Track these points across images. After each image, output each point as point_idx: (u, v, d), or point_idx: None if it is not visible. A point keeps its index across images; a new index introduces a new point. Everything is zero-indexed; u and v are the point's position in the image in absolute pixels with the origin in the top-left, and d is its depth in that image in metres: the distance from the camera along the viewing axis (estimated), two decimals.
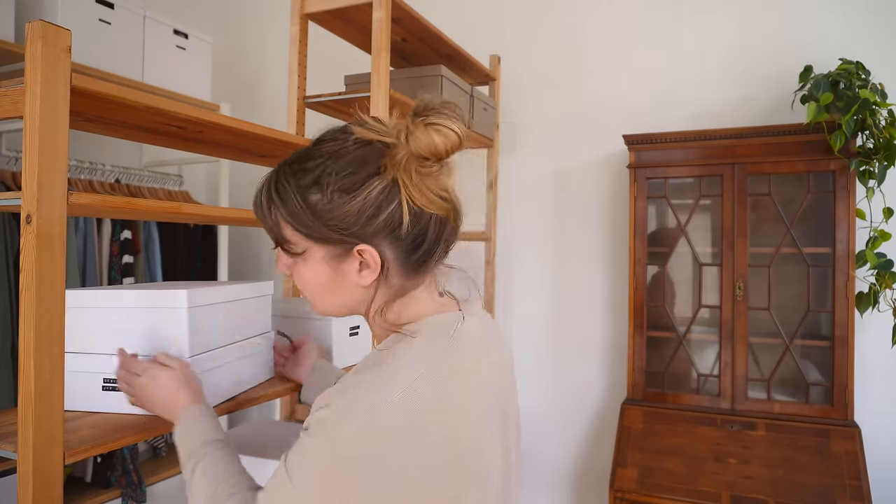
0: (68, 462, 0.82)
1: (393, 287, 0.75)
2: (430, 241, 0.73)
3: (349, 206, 0.69)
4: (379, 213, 0.69)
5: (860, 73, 1.97)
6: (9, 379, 1.93)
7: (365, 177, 0.69)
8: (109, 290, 1.03)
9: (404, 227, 0.70)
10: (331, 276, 0.74)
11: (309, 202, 0.71)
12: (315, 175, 0.71)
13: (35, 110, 0.77)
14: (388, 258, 0.72)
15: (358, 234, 0.70)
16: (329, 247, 0.72)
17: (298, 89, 1.68)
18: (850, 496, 1.79)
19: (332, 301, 0.77)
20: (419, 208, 0.70)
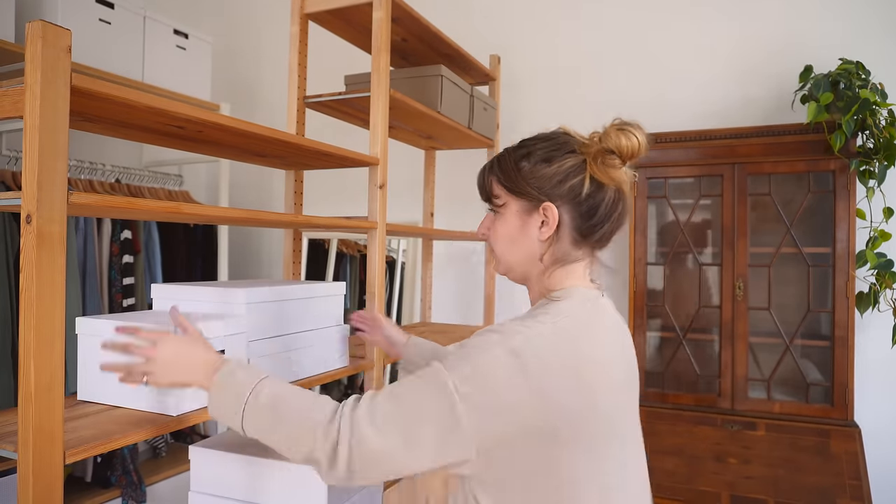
0: (68, 462, 0.82)
1: (561, 251, 0.90)
2: (600, 215, 0.89)
3: (546, 171, 0.88)
4: (566, 180, 0.88)
5: (860, 73, 1.97)
6: (9, 379, 1.93)
7: (563, 154, 0.89)
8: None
9: (584, 192, 0.87)
10: (518, 227, 0.91)
11: (518, 165, 0.90)
12: (527, 150, 0.91)
13: (35, 110, 0.77)
14: (564, 220, 0.89)
15: (547, 193, 0.88)
16: (523, 201, 0.90)
17: (298, 89, 1.68)
18: (850, 496, 1.79)
19: (514, 252, 0.93)
20: (598, 184, 0.87)
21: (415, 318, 2.86)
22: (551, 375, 0.77)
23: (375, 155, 1.59)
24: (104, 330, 1.04)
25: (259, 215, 1.28)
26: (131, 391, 1.03)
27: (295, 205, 1.72)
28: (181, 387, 0.91)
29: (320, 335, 1.39)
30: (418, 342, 1.33)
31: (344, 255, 3.06)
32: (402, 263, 2.93)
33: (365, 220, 1.57)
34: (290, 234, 1.74)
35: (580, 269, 0.92)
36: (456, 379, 0.76)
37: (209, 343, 0.94)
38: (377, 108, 1.58)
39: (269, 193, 3.26)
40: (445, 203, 2.81)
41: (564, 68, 2.66)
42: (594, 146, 0.87)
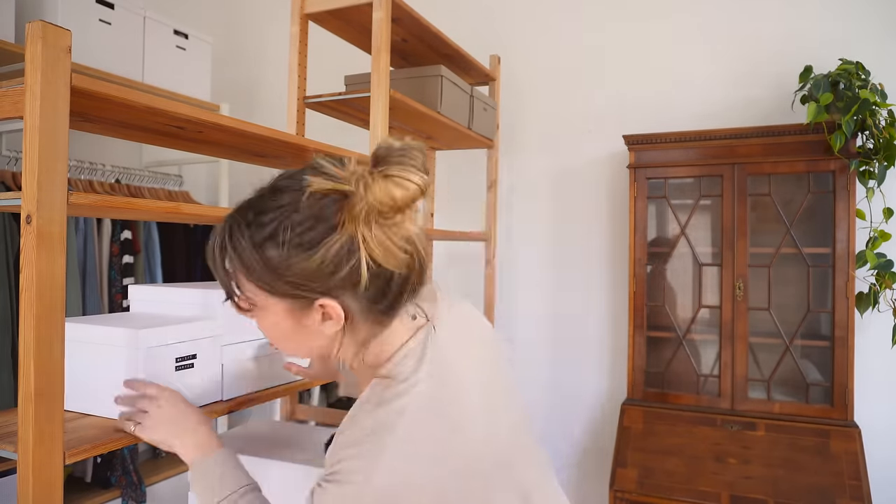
0: (68, 462, 0.82)
1: (361, 333, 0.74)
2: (394, 291, 0.71)
3: (308, 263, 0.67)
4: (339, 269, 0.67)
5: (860, 74, 1.97)
6: (9, 379, 1.93)
7: (323, 232, 0.67)
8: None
9: (364, 280, 0.67)
10: (293, 327, 0.74)
11: (265, 257, 0.68)
12: (271, 229, 0.68)
13: (35, 110, 0.77)
14: (353, 309, 0.71)
15: (318, 290, 0.69)
16: (288, 300, 0.71)
17: (298, 89, 1.68)
18: (850, 496, 1.79)
19: (298, 349, 0.78)
20: (379, 266, 0.67)
21: None
22: (414, 490, 0.66)
23: None
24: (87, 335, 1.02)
25: None
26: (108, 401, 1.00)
27: None
28: (166, 448, 0.87)
29: None
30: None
31: None
32: None
33: None
34: None
35: (397, 327, 0.76)
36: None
37: (204, 417, 0.90)
38: (377, 109, 1.58)
39: None
40: (445, 203, 2.81)
41: (564, 68, 2.66)
42: (359, 204, 0.65)
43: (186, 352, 1.06)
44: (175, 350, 1.04)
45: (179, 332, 1.04)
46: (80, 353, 1.03)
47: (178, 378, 1.04)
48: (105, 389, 1.01)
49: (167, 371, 1.02)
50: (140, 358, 0.98)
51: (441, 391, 0.72)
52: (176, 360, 1.04)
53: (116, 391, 1.00)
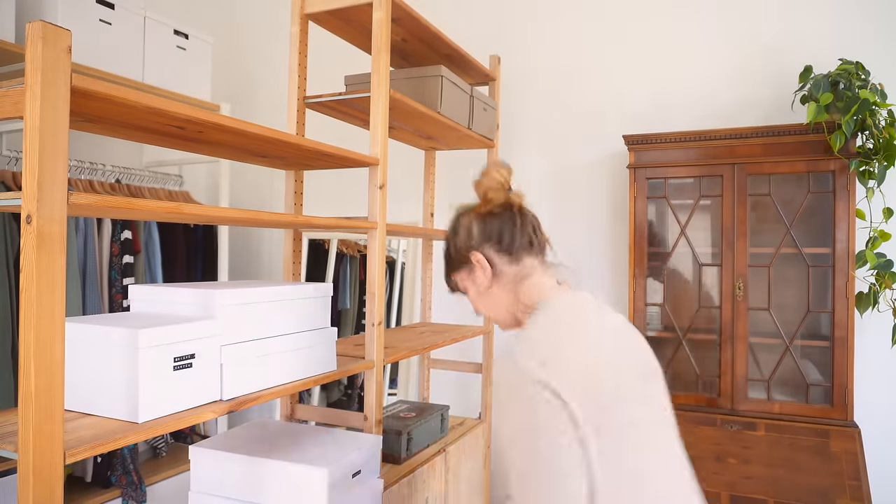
0: (68, 462, 0.82)
1: (508, 274, 1.05)
2: (507, 232, 1.05)
3: (457, 241, 1.09)
4: (468, 234, 1.07)
5: (860, 74, 1.97)
6: (9, 379, 1.93)
7: (459, 223, 1.11)
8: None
9: (476, 230, 1.07)
10: (478, 289, 1.08)
11: (450, 254, 1.12)
12: (447, 245, 1.15)
13: (35, 111, 0.77)
14: (489, 255, 1.05)
15: (466, 252, 1.07)
16: (463, 270, 1.09)
17: (298, 89, 1.68)
18: (850, 496, 1.79)
19: (496, 307, 1.07)
20: (482, 218, 1.07)
21: (415, 318, 2.86)
22: (563, 373, 0.83)
23: (375, 155, 1.59)
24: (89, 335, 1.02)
25: (259, 215, 1.28)
26: (106, 399, 1.00)
27: (295, 205, 1.72)
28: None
29: (305, 338, 1.34)
30: None
31: (344, 255, 3.06)
32: (402, 263, 2.93)
33: (365, 221, 1.57)
34: (290, 235, 1.74)
35: (537, 281, 1.04)
36: (527, 457, 0.82)
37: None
38: (377, 109, 1.58)
39: (269, 194, 3.27)
40: (445, 203, 2.81)
41: (565, 68, 2.67)
42: (476, 195, 1.10)
43: (185, 351, 1.06)
44: (174, 350, 1.04)
45: (178, 332, 1.04)
46: (80, 353, 1.03)
47: (176, 378, 1.04)
48: (105, 389, 1.01)
49: (165, 370, 1.03)
50: (139, 357, 0.98)
51: (566, 324, 0.94)
52: (174, 359, 1.04)
53: (116, 391, 1.00)
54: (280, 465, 1.24)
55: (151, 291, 1.21)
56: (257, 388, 1.21)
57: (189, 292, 1.17)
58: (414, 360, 2.82)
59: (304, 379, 1.33)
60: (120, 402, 0.99)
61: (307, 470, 1.23)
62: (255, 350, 1.21)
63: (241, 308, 1.18)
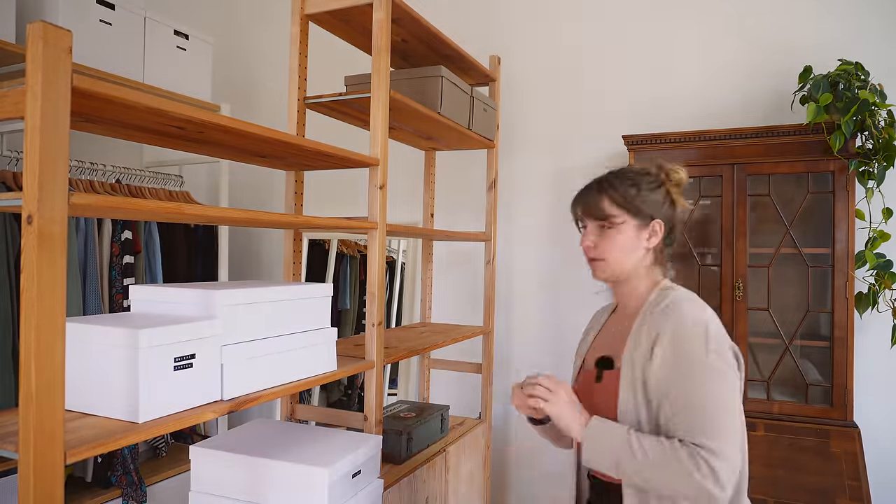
0: (69, 462, 0.83)
1: (656, 254, 1.21)
2: (677, 230, 1.23)
3: (654, 197, 1.18)
4: (664, 204, 1.19)
5: (859, 74, 1.97)
6: (10, 379, 1.93)
7: (659, 184, 1.20)
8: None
9: (671, 213, 1.20)
10: (633, 240, 1.19)
11: (636, 191, 1.18)
12: (635, 180, 1.20)
13: (36, 111, 0.77)
14: (661, 234, 1.19)
15: (654, 213, 1.18)
16: (638, 219, 1.18)
17: (298, 90, 1.69)
18: (850, 496, 1.79)
19: (626, 259, 1.19)
20: (675, 207, 1.20)
21: (415, 318, 2.86)
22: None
23: (375, 156, 1.59)
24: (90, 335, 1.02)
25: (259, 216, 1.28)
26: (106, 399, 1.01)
27: (295, 205, 1.72)
28: (558, 424, 1.14)
29: (306, 338, 1.34)
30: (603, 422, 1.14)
31: (344, 255, 3.06)
32: (402, 263, 2.93)
33: (365, 221, 1.57)
34: (290, 235, 1.74)
35: (660, 269, 1.23)
36: (715, 360, 1.05)
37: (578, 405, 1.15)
38: (377, 109, 1.58)
39: (269, 194, 3.27)
40: (445, 203, 2.81)
41: (564, 69, 2.67)
42: (673, 178, 1.20)
43: (185, 351, 1.06)
44: (174, 350, 1.04)
45: (178, 332, 1.04)
46: (81, 353, 1.03)
47: (177, 378, 1.05)
48: (105, 389, 1.01)
49: (166, 370, 1.03)
50: (139, 357, 0.98)
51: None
52: (175, 359, 1.04)
53: (116, 391, 1.00)
54: (281, 465, 1.24)
55: (152, 292, 1.21)
56: (258, 388, 1.21)
57: (190, 292, 1.17)
58: (414, 360, 2.82)
59: (304, 379, 1.33)
60: (120, 403, 1.00)
61: (308, 470, 1.23)
62: (255, 350, 1.21)
63: (241, 308, 1.18)
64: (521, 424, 2.70)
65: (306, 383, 1.33)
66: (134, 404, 0.98)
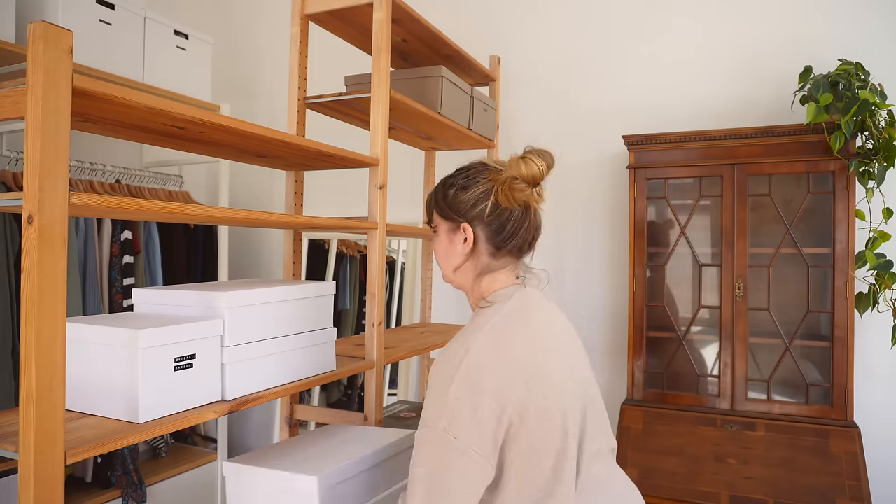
0: (69, 462, 0.83)
1: (482, 263, 1.09)
2: (508, 230, 1.07)
3: (462, 197, 1.08)
4: (477, 204, 1.06)
5: (859, 74, 1.97)
6: (10, 379, 1.93)
7: (475, 182, 1.08)
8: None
9: (488, 213, 1.05)
10: (447, 244, 1.11)
11: (446, 194, 1.11)
12: (452, 180, 1.11)
13: (37, 111, 0.77)
14: (479, 237, 1.08)
15: (463, 216, 1.08)
16: (448, 223, 1.10)
17: (299, 90, 1.69)
18: (850, 496, 1.79)
19: (447, 264, 1.13)
20: (500, 206, 1.05)
21: (415, 318, 2.86)
22: (499, 377, 0.92)
23: (376, 156, 1.59)
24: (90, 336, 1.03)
25: (259, 216, 1.28)
26: (106, 399, 1.00)
27: (295, 205, 1.72)
28: None
29: (306, 338, 1.34)
30: None
31: (344, 255, 3.06)
32: (402, 263, 2.93)
33: (365, 221, 1.57)
34: (290, 235, 1.74)
35: (503, 275, 1.10)
36: (441, 427, 0.90)
37: None
38: (377, 109, 1.58)
39: (269, 194, 3.27)
40: None
41: (564, 69, 2.67)
42: (504, 174, 1.04)
43: (185, 351, 1.06)
44: (174, 350, 1.04)
45: (178, 333, 1.04)
46: (81, 353, 1.03)
47: (177, 378, 1.04)
48: (106, 389, 1.01)
49: (166, 370, 1.03)
50: (139, 357, 0.98)
51: (515, 318, 1.02)
52: (175, 359, 1.04)
53: (116, 391, 1.00)
54: (311, 479, 1.17)
55: (154, 295, 1.21)
56: (258, 388, 1.21)
57: (191, 294, 1.17)
58: (414, 360, 2.82)
59: (304, 379, 1.33)
60: (120, 403, 1.00)
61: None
62: (257, 350, 1.21)
63: (244, 309, 1.18)
64: None
65: (307, 383, 1.33)
66: (134, 404, 0.98)
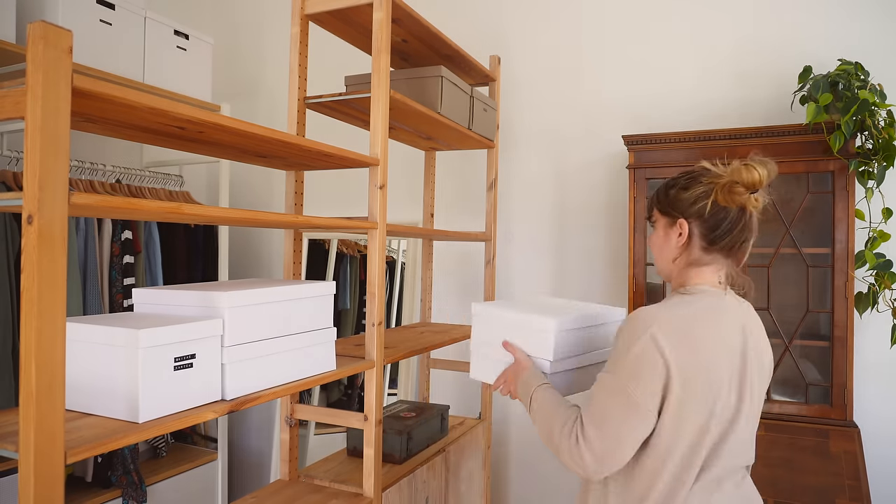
0: (69, 462, 0.83)
1: (692, 256, 1.18)
2: (722, 229, 1.15)
3: (683, 196, 1.18)
4: (696, 203, 1.16)
5: (859, 74, 1.97)
6: (10, 379, 1.94)
7: (696, 184, 1.17)
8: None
9: (707, 212, 1.14)
10: (663, 238, 1.22)
11: (668, 192, 1.22)
12: (675, 181, 1.22)
13: (37, 111, 0.77)
14: (694, 232, 1.17)
15: (681, 212, 1.18)
16: (666, 218, 1.21)
17: (299, 90, 1.69)
18: (850, 496, 1.79)
19: (662, 257, 1.24)
20: (720, 207, 1.14)
21: (415, 318, 2.87)
22: (677, 347, 1.06)
23: (375, 156, 1.59)
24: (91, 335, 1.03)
25: (259, 216, 1.28)
26: (104, 399, 1.02)
27: (295, 205, 1.72)
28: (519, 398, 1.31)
29: (306, 338, 1.35)
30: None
31: (344, 255, 3.06)
32: (402, 263, 2.93)
33: (365, 221, 1.57)
34: (290, 235, 1.74)
35: (709, 271, 1.18)
36: (621, 378, 1.08)
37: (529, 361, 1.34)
38: (377, 109, 1.58)
39: (269, 194, 3.27)
40: (445, 203, 2.81)
41: (564, 69, 2.67)
42: (725, 178, 1.13)
43: (185, 351, 1.06)
44: (174, 349, 1.04)
45: (178, 332, 1.04)
46: (81, 353, 1.03)
47: (177, 378, 1.05)
48: (106, 389, 1.01)
49: (166, 370, 1.03)
50: (139, 357, 0.98)
51: (703, 318, 1.11)
52: (175, 359, 1.04)
53: (116, 391, 1.00)
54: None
55: (154, 295, 1.22)
56: (258, 388, 1.21)
57: (191, 294, 1.17)
58: (414, 360, 2.83)
59: (304, 379, 1.34)
60: (120, 402, 1.00)
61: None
62: (256, 350, 1.21)
63: (244, 309, 1.18)
64: (521, 424, 2.70)
65: (307, 383, 1.33)
66: (134, 404, 0.98)
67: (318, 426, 2.89)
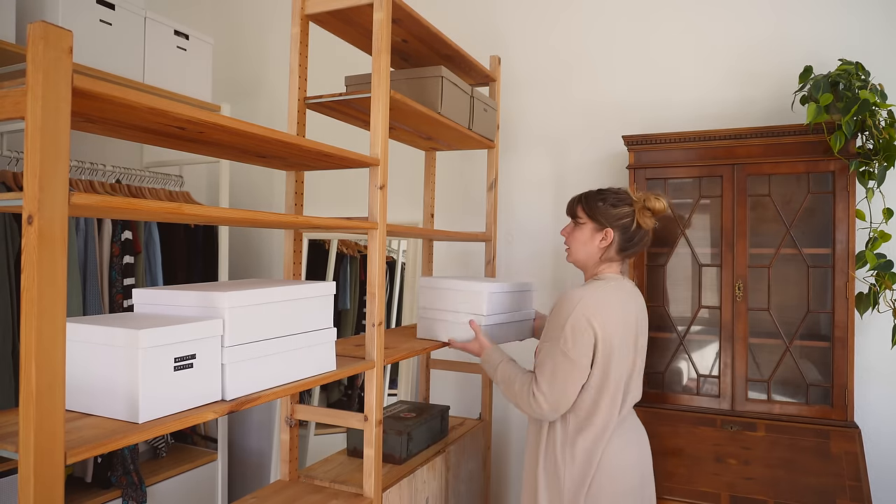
0: (69, 462, 0.83)
1: (608, 256, 1.63)
2: (634, 241, 1.62)
3: (613, 211, 1.61)
4: (622, 219, 1.60)
5: (860, 74, 1.97)
6: (10, 379, 1.94)
7: (624, 205, 1.61)
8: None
9: (631, 228, 1.61)
10: (589, 237, 1.63)
11: (597, 205, 1.63)
12: (605, 196, 1.63)
13: (37, 111, 0.77)
14: (615, 240, 1.61)
15: (610, 224, 1.60)
16: (594, 223, 1.62)
17: (299, 90, 1.69)
18: (850, 497, 1.79)
19: (582, 252, 1.65)
20: (638, 226, 1.61)
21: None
22: (599, 318, 1.50)
23: (376, 156, 1.59)
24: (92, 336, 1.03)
25: (259, 216, 1.28)
26: (104, 399, 1.02)
27: (295, 205, 1.72)
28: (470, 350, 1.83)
29: (306, 338, 1.34)
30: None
31: (344, 255, 3.06)
32: (402, 264, 2.93)
33: (365, 221, 1.57)
34: (290, 235, 1.74)
35: (616, 265, 1.65)
36: (563, 343, 1.50)
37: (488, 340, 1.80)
38: (377, 109, 1.58)
39: (269, 194, 3.27)
40: (446, 203, 2.81)
41: (564, 69, 2.67)
42: (639, 203, 1.60)
43: (186, 352, 1.06)
44: (174, 350, 1.04)
45: (178, 332, 1.04)
46: (81, 353, 1.03)
47: (177, 378, 1.05)
48: (106, 389, 1.01)
49: (166, 370, 1.03)
50: (139, 357, 0.98)
51: (615, 291, 1.58)
52: (175, 360, 1.04)
53: (116, 391, 1.00)
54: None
55: (154, 295, 1.21)
56: (259, 388, 1.21)
57: (191, 294, 1.17)
58: (414, 360, 2.82)
59: (304, 379, 1.33)
60: (120, 403, 1.00)
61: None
62: (256, 350, 1.21)
63: (243, 309, 1.18)
64: (521, 424, 2.70)
65: (307, 383, 1.33)
66: (134, 404, 0.98)
67: (319, 426, 2.89)
